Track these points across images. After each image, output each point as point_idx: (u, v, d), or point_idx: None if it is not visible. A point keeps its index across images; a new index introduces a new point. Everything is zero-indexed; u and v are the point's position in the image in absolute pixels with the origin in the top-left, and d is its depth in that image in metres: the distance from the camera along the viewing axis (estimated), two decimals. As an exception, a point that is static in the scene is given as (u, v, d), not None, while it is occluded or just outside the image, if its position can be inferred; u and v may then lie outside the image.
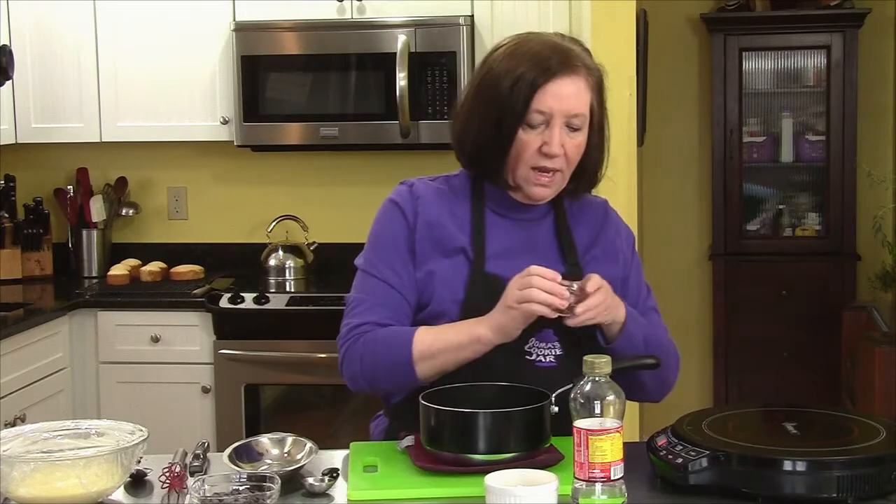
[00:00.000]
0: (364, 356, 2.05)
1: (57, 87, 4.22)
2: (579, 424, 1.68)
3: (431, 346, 2.00)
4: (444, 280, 2.08)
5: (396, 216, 2.13)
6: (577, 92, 2.02)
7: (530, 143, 2.03)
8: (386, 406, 2.20)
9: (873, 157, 5.18)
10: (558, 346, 2.06)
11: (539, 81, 2.00)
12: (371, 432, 2.24)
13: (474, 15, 4.00)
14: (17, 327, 3.64)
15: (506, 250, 2.10)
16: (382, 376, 2.05)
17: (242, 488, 1.72)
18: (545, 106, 2.01)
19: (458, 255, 2.09)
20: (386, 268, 2.10)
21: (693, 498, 1.76)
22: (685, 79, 5.45)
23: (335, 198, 4.42)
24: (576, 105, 2.02)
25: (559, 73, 2.01)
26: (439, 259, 2.09)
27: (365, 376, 2.06)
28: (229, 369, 3.92)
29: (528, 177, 2.06)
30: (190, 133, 4.22)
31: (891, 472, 1.72)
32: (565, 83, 2.01)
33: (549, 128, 2.02)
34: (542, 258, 2.07)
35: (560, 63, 2.01)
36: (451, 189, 2.15)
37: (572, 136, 2.04)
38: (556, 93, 2.01)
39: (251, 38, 4.08)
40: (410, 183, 2.17)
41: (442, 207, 2.12)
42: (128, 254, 4.46)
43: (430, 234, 2.10)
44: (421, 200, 2.12)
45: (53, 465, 1.76)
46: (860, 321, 4.75)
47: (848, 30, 5.13)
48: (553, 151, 2.02)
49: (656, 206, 5.37)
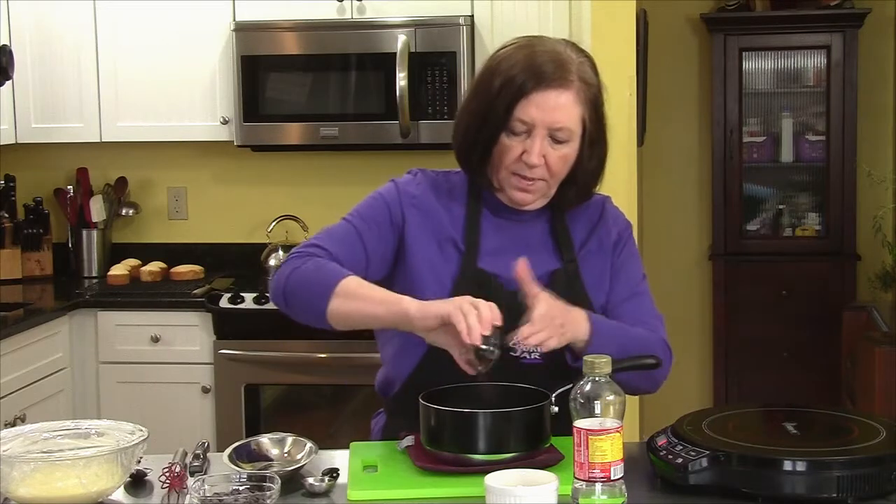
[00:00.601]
0: (297, 269, 2.02)
1: (57, 87, 4.22)
2: (579, 424, 1.68)
3: (357, 290, 1.97)
4: (432, 269, 2.07)
5: (391, 192, 2.14)
6: (565, 105, 1.99)
7: (512, 148, 2.02)
8: (384, 402, 2.20)
9: (873, 157, 5.18)
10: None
11: (525, 89, 1.98)
12: (371, 429, 2.24)
13: (474, 15, 4.00)
14: (17, 327, 3.64)
15: (499, 247, 2.09)
16: (298, 292, 2.01)
17: (242, 488, 1.72)
18: (527, 115, 1.99)
19: (449, 245, 2.09)
20: (360, 219, 2.11)
21: (693, 498, 1.76)
22: (685, 79, 5.45)
23: (335, 198, 4.40)
24: (561, 118, 2.00)
25: (549, 83, 1.98)
26: (432, 246, 2.09)
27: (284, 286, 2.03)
28: (229, 369, 3.92)
29: (510, 181, 2.05)
30: (190, 133, 4.22)
31: (891, 472, 1.72)
32: (552, 95, 1.99)
33: (531, 137, 2.00)
34: (536, 255, 2.07)
35: (553, 73, 1.99)
36: (450, 185, 2.16)
37: (556, 148, 2.02)
38: (541, 103, 1.99)
39: (251, 38, 4.08)
40: (416, 171, 2.18)
41: (439, 199, 2.13)
42: (128, 254, 4.46)
43: (425, 221, 2.10)
44: (421, 186, 2.14)
45: (53, 465, 1.76)
46: (860, 321, 4.75)
47: (848, 30, 5.13)
48: (531, 161, 2.00)
49: (656, 206, 5.37)
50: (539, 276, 2.05)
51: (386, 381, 2.18)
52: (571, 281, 2.09)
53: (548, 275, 2.08)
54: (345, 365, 3.80)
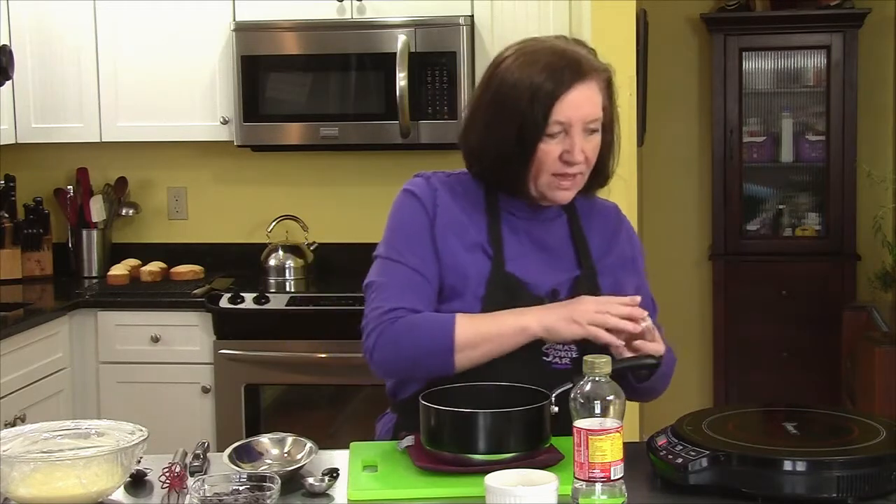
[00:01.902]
0: (400, 340, 2.00)
1: (57, 87, 4.22)
2: (579, 424, 1.68)
3: (475, 336, 1.98)
4: (466, 272, 2.07)
5: (416, 207, 2.11)
6: (591, 97, 2.05)
7: (551, 152, 2.04)
8: (393, 403, 2.20)
9: (873, 157, 5.18)
10: (574, 348, 2.06)
11: (557, 93, 2.01)
12: (378, 431, 2.23)
13: (474, 15, 4.00)
14: (17, 327, 3.64)
15: (521, 251, 2.11)
16: (421, 363, 2.01)
17: (242, 488, 1.72)
18: (564, 117, 2.02)
19: (478, 250, 2.09)
20: (410, 254, 2.07)
21: (693, 498, 1.76)
22: (685, 79, 5.45)
23: (335, 198, 4.42)
24: (592, 111, 2.05)
25: (574, 82, 2.03)
26: (461, 251, 2.08)
27: (400, 362, 2.03)
28: (229, 369, 3.92)
29: (551, 183, 2.07)
30: (190, 133, 4.22)
31: (891, 472, 1.72)
32: (580, 91, 2.03)
33: (569, 136, 2.04)
34: (557, 260, 2.11)
35: (573, 72, 2.03)
36: (465, 188, 2.15)
37: (590, 139, 2.06)
38: (573, 102, 2.02)
39: (251, 38, 4.08)
40: (427, 175, 2.16)
41: (458, 203, 2.12)
42: (128, 254, 4.46)
43: (451, 227, 2.10)
44: (439, 193, 2.12)
45: (53, 465, 1.76)
46: (860, 321, 4.75)
47: (848, 30, 5.13)
48: (575, 159, 2.04)
49: (656, 206, 5.37)
50: (562, 282, 2.10)
51: (399, 382, 2.16)
52: (593, 288, 2.11)
53: (570, 280, 2.11)
54: (345, 365, 3.80)
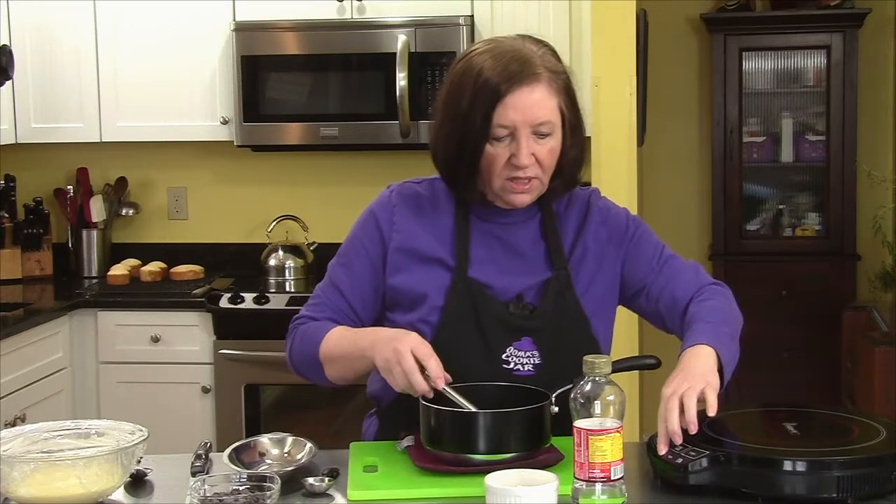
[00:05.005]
0: (292, 346, 2.13)
1: (57, 87, 4.22)
2: (579, 424, 1.68)
3: (333, 351, 2.05)
4: (423, 288, 2.05)
5: (368, 229, 2.12)
6: (541, 99, 1.96)
7: (499, 155, 1.98)
8: (377, 408, 2.20)
9: (873, 157, 5.18)
10: (537, 354, 2.02)
11: (498, 95, 1.94)
12: (364, 430, 2.23)
13: (474, 15, 4.00)
14: (17, 327, 3.64)
15: (490, 256, 2.07)
16: (304, 369, 2.12)
17: (242, 488, 1.72)
18: (507, 120, 1.95)
19: (435, 264, 2.06)
20: (343, 274, 2.13)
21: (693, 498, 1.76)
22: (685, 79, 5.45)
23: (335, 198, 4.42)
24: (540, 113, 1.96)
25: (519, 83, 1.94)
26: (416, 266, 2.06)
27: (293, 365, 2.14)
28: (229, 369, 3.92)
29: (505, 187, 2.01)
30: (190, 133, 4.22)
31: (891, 472, 1.72)
32: (525, 92, 1.95)
33: (516, 139, 1.96)
34: (528, 264, 2.07)
35: (519, 72, 1.95)
36: (434, 194, 2.12)
37: (542, 143, 1.98)
38: (517, 104, 1.94)
39: (251, 38, 4.08)
40: (395, 188, 2.15)
41: (422, 215, 2.09)
42: (128, 254, 4.46)
43: (407, 243, 2.08)
44: (398, 210, 2.10)
45: (53, 465, 1.76)
46: (860, 321, 4.75)
47: (848, 30, 5.13)
48: (522, 162, 1.96)
49: (656, 207, 5.37)
50: (531, 286, 2.06)
51: (375, 395, 2.17)
52: (564, 290, 2.06)
53: (540, 284, 2.06)
54: (345, 365, 3.79)
